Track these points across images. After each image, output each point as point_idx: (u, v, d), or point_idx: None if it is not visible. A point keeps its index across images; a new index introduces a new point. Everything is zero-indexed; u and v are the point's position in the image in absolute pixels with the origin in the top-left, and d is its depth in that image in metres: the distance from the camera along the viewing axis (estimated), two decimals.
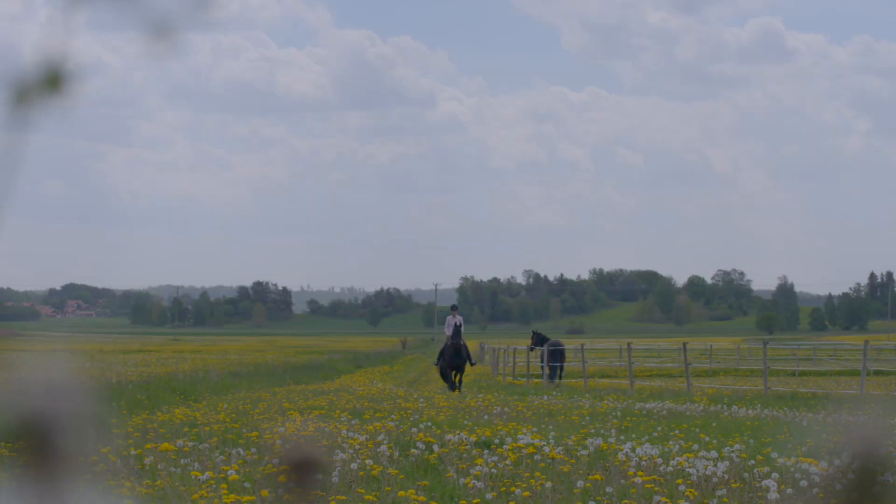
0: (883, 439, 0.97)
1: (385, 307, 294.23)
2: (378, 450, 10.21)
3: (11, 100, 1.03)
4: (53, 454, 0.87)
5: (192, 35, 1.12)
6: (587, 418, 16.26)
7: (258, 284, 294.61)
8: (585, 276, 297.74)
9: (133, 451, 9.79)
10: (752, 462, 9.57)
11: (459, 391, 27.77)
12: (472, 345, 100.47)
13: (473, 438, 11.67)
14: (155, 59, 1.10)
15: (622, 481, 8.85)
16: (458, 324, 29.46)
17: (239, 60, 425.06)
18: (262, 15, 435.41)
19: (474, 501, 8.00)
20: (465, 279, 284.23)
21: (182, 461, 9.42)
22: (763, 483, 8.13)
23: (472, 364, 30.15)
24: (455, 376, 29.34)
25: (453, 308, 30.34)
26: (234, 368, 36.48)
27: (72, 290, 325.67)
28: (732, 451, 10.30)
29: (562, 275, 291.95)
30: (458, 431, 12.37)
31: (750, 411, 18.66)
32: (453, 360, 29.20)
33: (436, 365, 31.09)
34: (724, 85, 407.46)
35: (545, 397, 23.71)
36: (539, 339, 36.43)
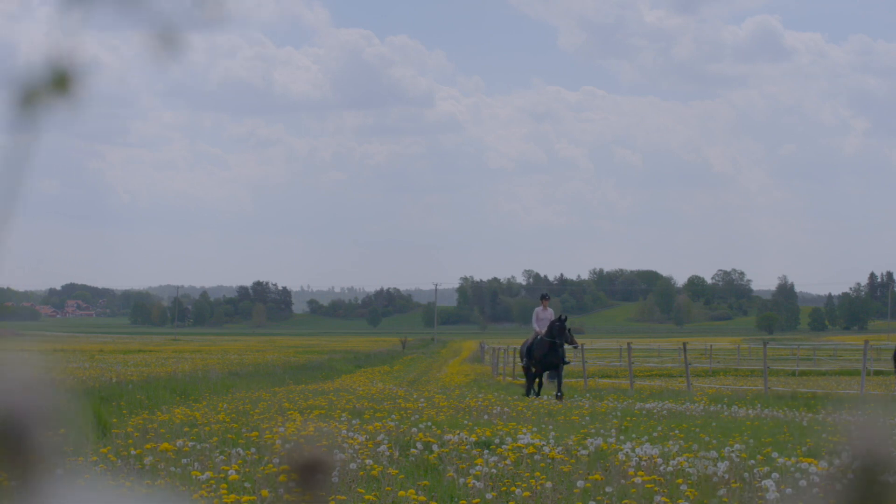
0: (884, 439, 0.97)
1: (385, 307, 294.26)
2: (378, 450, 10.20)
3: (18, 101, 1.03)
4: (23, 453, 0.86)
5: (192, 36, 1.12)
6: (587, 418, 16.26)
7: (258, 284, 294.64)
8: (585, 276, 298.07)
9: (133, 451, 9.78)
10: (752, 462, 9.57)
11: (558, 397, 23.42)
12: (471, 345, 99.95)
13: (473, 438, 11.67)
14: (159, 63, 1.11)
15: (622, 481, 8.85)
16: (562, 318, 24.64)
17: (235, 59, 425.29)
18: (259, 14, 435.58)
19: (474, 501, 8.00)
20: (465, 279, 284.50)
21: (182, 461, 9.42)
22: (763, 483, 8.12)
23: (566, 363, 25.23)
24: (538, 380, 24.99)
25: (544, 297, 25.41)
26: (234, 368, 36.46)
27: (72, 290, 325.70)
28: (732, 451, 10.30)
29: (562, 275, 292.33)
30: (458, 431, 12.37)
31: (750, 411, 18.66)
32: (546, 359, 24.49)
33: (524, 365, 25.89)
34: (721, 84, 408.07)
35: (545, 397, 23.69)
36: None
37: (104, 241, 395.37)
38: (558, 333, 24.37)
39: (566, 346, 24.89)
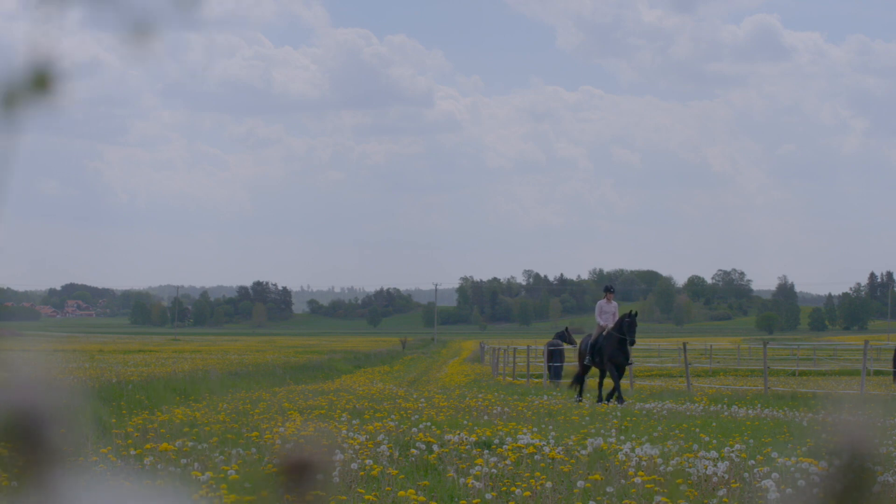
0: (871, 438, 0.97)
1: (385, 307, 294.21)
2: (378, 450, 10.20)
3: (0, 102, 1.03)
4: (35, 452, 0.86)
5: (172, 34, 1.13)
6: (587, 418, 16.26)
7: (258, 284, 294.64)
8: (585, 276, 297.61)
9: (133, 451, 9.78)
10: (752, 462, 9.57)
11: (619, 399, 21.86)
12: (471, 345, 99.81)
13: (473, 438, 11.67)
14: (136, 59, 1.11)
15: (622, 481, 8.85)
16: (632, 313, 22.73)
17: (234, 59, 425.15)
18: (258, 13, 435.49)
19: (474, 501, 8.00)
20: (464, 279, 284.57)
21: (182, 461, 9.42)
22: (763, 483, 8.12)
23: (630, 364, 23.44)
24: (591, 379, 23.29)
25: (608, 290, 23.63)
26: (234, 368, 36.44)
27: (72, 290, 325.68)
28: (732, 451, 10.30)
29: (562, 275, 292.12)
30: (458, 431, 12.37)
31: (750, 411, 18.66)
32: (614, 357, 22.63)
33: (585, 364, 23.72)
34: (720, 84, 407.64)
35: (545, 397, 23.70)
36: (560, 336, 36.33)
37: (104, 241, 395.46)
38: (629, 330, 22.52)
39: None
